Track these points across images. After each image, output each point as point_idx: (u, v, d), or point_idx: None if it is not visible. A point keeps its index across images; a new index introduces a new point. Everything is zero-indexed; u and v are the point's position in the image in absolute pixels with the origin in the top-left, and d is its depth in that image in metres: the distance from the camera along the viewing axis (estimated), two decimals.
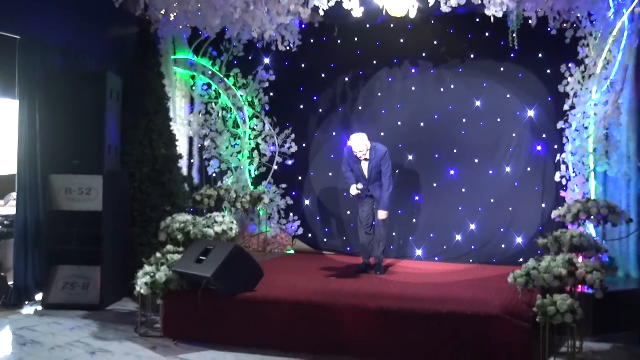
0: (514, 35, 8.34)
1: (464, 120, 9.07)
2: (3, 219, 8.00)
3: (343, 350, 6.06)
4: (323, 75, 9.73)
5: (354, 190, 7.96)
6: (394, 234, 9.18)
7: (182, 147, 9.47)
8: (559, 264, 6.04)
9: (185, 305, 6.55)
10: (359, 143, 7.89)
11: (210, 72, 9.89)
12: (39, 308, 7.67)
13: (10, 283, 7.88)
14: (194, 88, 9.96)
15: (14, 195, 9.11)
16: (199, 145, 9.97)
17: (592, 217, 7.44)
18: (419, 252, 9.13)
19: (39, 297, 7.87)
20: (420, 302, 6.27)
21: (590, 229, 7.68)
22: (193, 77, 9.94)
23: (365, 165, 7.98)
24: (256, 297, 6.41)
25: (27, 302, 7.79)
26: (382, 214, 7.95)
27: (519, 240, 8.72)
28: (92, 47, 8.49)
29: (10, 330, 6.82)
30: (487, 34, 8.93)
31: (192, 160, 9.95)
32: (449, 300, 6.31)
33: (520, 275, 6.13)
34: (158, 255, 6.91)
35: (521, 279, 6.10)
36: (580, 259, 6.53)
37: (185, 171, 9.54)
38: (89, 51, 8.43)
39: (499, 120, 8.94)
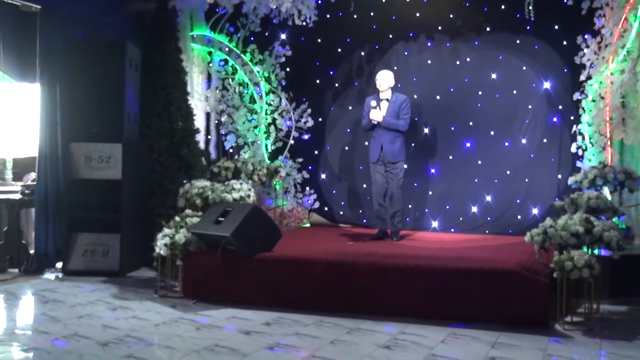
0: (530, 7, 8.38)
1: (480, 93, 9.09)
2: (24, 188, 8.11)
3: (360, 308, 6.11)
4: (339, 50, 9.78)
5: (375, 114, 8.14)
6: (409, 205, 9.22)
7: (199, 122, 9.55)
8: (576, 221, 6.05)
9: (203, 266, 6.63)
10: (385, 76, 8.26)
11: (227, 48, 9.96)
12: (60, 274, 7.78)
13: (32, 251, 8.01)
14: (210, 64, 10.04)
15: (33, 175, 9.24)
16: (216, 121, 10.04)
17: (609, 183, 7.45)
18: (434, 224, 9.17)
19: (59, 264, 8.00)
20: (436, 260, 6.31)
21: (607, 194, 7.68)
22: (210, 53, 10.01)
23: (384, 107, 8.13)
24: (274, 256, 6.48)
25: (47, 269, 7.91)
26: (377, 114, 8.13)
27: (535, 211, 8.73)
28: (111, 20, 8.61)
29: (31, 291, 6.93)
30: (502, 7, 8.95)
31: (209, 136, 10.03)
32: (466, 258, 6.35)
33: (537, 233, 6.15)
34: (177, 218, 6.99)
35: (538, 237, 6.11)
36: None
37: (202, 146, 9.61)
38: (108, 23, 8.56)
39: (514, 92, 8.95)
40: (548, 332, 5.57)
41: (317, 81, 9.89)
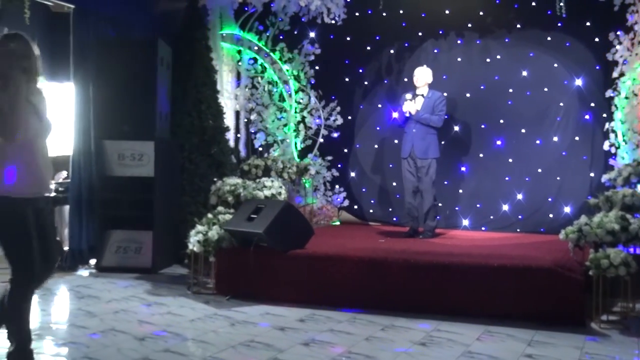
0: (561, 4, 8.33)
1: (510, 90, 9.04)
2: (58, 185, 8.20)
3: (393, 305, 6.10)
4: (368, 48, 9.77)
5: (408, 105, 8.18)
6: (440, 204, 9.18)
7: (229, 121, 9.59)
8: (612, 219, 6.01)
9: (236, 263, 6.66)
10: (422, 72, 8.29)
11: (256, 47, 10.00)
12: (93, 271, 7.86)
13: (66, 247, 8.10)
14: (240, 63, 10.08)
15: (64, 173, 9.34)
16: (246, 119, 10.08)
17: None
18: (465, 222, 9.13)
19: (92, 261, 8.08)
20: (469, 257, 6.28)
21: None
22: (239, 52, 10.06)
23: (419, 101, 8.16)
24: (307, 253, 6.50)
25: (81, 265, 7.99)
26: (410, 106, 8.15)
27: (567, 209, 8.66)
28: (142, 19, 8.68)
29: (67, 287, 7.01)
30: (533, 3, 8.89)
31: (239, 135, 10.07)
32: (499, 256, 6.31)
33: (572, 231, 6.11)
34: (209, 215, 7.04)
35: (573, 235, 6.08)
36: None
37: (232, 144, 9.65)
38: (139, 22, 8.63)
39: (545, 89, 8.89)
40: (584, 330, 5.53)
41: (347, 79, 9.89)
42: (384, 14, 9.55)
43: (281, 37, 10.00)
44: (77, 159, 7.94)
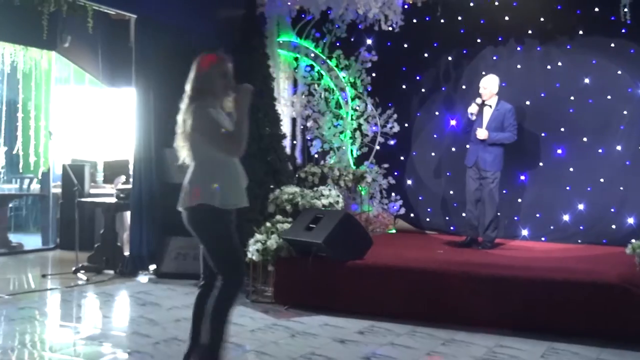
0: (626, 10, 8.12)
1: (572, 98, 8.85)
2: (119, 192, 8.35)
3: (453, 318, 6.03)
4: (426, 55, 9.70)
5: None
6: (498, 213, 9.05)
7: (285, 128, 9.63)
8: None
9: (295, 272, 6.67)
10: (489, 81, 8.16)
11: (312, 54, 10.03)
12: (153, 276, 7.97)
13: (126, 253, 8.25)
14: (296, 70, 10.13)
15: (123, 178, 9.52)
16: (302, 126, 10.12)
17: None
18: (524, 232, 8.98)
19: (152, 267, 8.20)
20: (531, 270, 6.17)
21: None
22: (296, 59, 10.10)
23: (487, 113, 8.10)
24: (366, 264, 6.48)
25: (141, 271, 8.13)
26: (482, 133, 7.98)
27: (631, 220, 8.43)
28: (201, 27, 8.76)
29: (128, 293, 7.12)
30: (596, 9, 8.68)
31: (295, 141, 10.11)
32: (562, 269, 6.19)
33: (639, 245, 5.96)
34: (268, 224, 7.07)
35: None
36: None
37: (288, 151, 9.69)
38: (198, 31, 8.70)
39: (608, 97, 8.68)
40: None
41: (403, 86, 9.82)
42: (442, 21, 9.46)
43: (338, 44, 10.01)
44: (137, 166, 8.07)
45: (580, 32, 8.86)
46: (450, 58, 9.60)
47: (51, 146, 9.20)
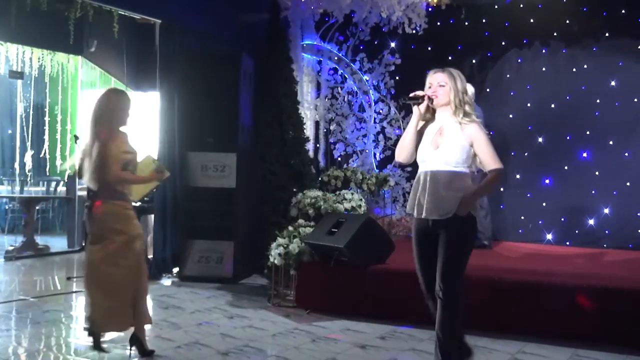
0: None
1: (598, 101, 8.76)
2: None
3: (474, 324, 5.95)
4: (450, 58, 9.63)
5: None
6: (522, 217, 9.00)
7: (308, 131, 9.65)
8: None
9: (317, 276, 6.68)
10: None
11: (336, 57, 10.04)
12: (176, 279, 8.03)
13: (150, 256, 8.30)
14: (320, 73, 10.14)
15: None
16: (325, 129, 10.13)
17: None
18: (549, 236, 8.90)
19: (175, 269, 8.26)
20: (555, 276, 6.09)
21: None
22: (320, 62, 10.11)
23: None
24: (388, 269, 6.46)
25: (164, 274, 8.18)
26: None
27: None
28: (226, 31, 8.81)
29: (151, 296, 7.16)
30: (622, 11, 8.62)
31: (318, 145, 10.12)
32: (587, 275, 6.11)
33: None
34: (290, 228, 7.08)
35: None
36: None
37: (311, 154, 9.70)
38: (222, 35, 8.76)
39: (635, 100, 8.59)
40: None
41: None
42: (466, 23, 9.44)
43: (361, 47, 10.02)
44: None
45: (607, 34, 8.79)
46: (474, 61, 9.57)
47: (77, 150, 9.29)
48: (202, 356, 5.05)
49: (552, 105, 9.01)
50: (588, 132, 8.81)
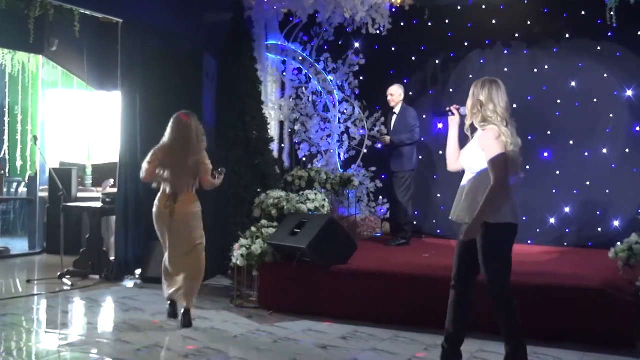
0: (612, 13, 8.13)
1: (558, 101, 8.88)
2: (105, 196, 8.33)
3: (436, 323, 5.99)
4: (413, 58, 9.72)
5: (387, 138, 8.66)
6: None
7: (273, 131, 9.62)
8: None
9: (280, 277, 6.67)
10: (395, 89, 8.68)
11: (300, 57, 10.03)
12: (138, 281, 7.95)
13: (112, 258, 8.23)
14: (284, 73, 10.12)
15: (111, 181, 9.48)
16: (289, 129, 10.12)
17: None
18: None
19: (138, 271, 8.17)
20: (515, 275, 6.12)
21: None
22: (284, 62, 10.09)
23: (393, 119, 8.67)
24: (350, 269, 6.48)
25: (127, 276, 8.10)
26: (385, 139, 8.68)
27: (617, 223, 8.46)
28: (189, 31, 8.71)
29: (112, 299, 7.10)
30: (582, 13, 8.73)
31: (283, 145, 10.10)
32: (546, 274, 6.20)
33: (622, 250, 5.98)
34: (253, 229, 7.06)
35: (623, 254, 5.95)
36: None
37: (275, 154, 9.68)
38: (185, 34, 8.66)
39: (595, 100, 8.71)
40: (635, 353, 5.37)
41: None
42: (430, 24, 9.49)
43: (326, 47, 10.01)
44: (123, 170, 8.04)
45: (567, 36, 8.91)
46: (437, 61, 9.63)
47: (38, 150, 9.16)
48: (162, 359, 5.01)
49: (514, 106, 8.89)
50: (549, 132, 8.92)
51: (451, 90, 9.46)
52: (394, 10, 9.40)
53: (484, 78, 4.68)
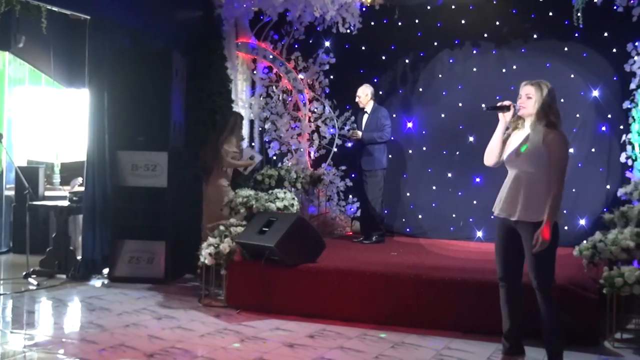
0: (579, 14, 8.21)
1: None
2: (72, 195, 8.24)
3: (404, 321, 6.05)
4: (383, 57, 9.75)
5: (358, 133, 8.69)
6: (453, 215, 9.15)
7: (243, 130, 9.57)
8: (627, 236, 5.93)
9: (248, 276, 6.66)
10: (364, 89, 8.74)
11: (271, 56, 10.00)
12: (106, 281, 7.88)
13: (79, 257, 8.14)
14: (255, 71, 10.09)
15: (79, 180, 9.37)
16: (260, 128, 10.09)
17: None
18: (479, 234, 9.07)
19: (105, 270, 8.10)
20: (482, 273, 6.21)
21: None
22: (254, 61, 10.06)
23: (365, 118, 8.71)
24: (318, 267, 6.49)
25: (94, 275, 8.02)
26: (359, 133, 8.69)
27: (582, 222, 8.58)
28: (158, 28, 8.66)
29: (79, 298, 7.03)
30: (550, 13, 8.82)
31: (253, 144, 10.07)
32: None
33: (586, 248, 6.04)
34: (221, 227, 7.03)
35: (587, 252, 6.01)
36: None
37: None
38: (154, 32, 8.61)
39: (562, 100, 8.69)
40: (597, 349, 5.46)
41: None
42: (400, 24, 9.52)
43: (296, 46, 10.00)
44: (91, 169, 7.96)
45: (535, 36, 9.00)
46: (407, 61, 9.68)
47: (4, 148, 9.02)
48: (127, 359, 4.97)
49: (483, 105, 9.10)
50: None
51: (420, 89, 9.52)
52: (364, 9, 9.42)
53: (544, 81, 4.90)
